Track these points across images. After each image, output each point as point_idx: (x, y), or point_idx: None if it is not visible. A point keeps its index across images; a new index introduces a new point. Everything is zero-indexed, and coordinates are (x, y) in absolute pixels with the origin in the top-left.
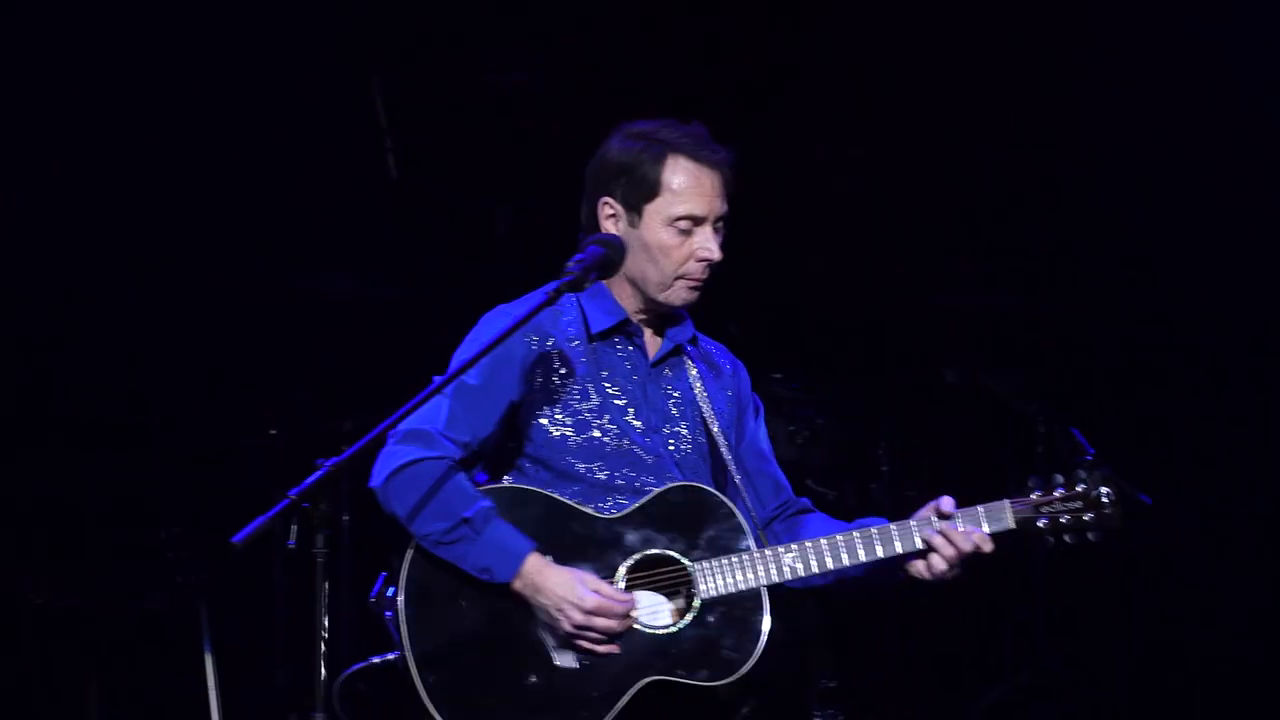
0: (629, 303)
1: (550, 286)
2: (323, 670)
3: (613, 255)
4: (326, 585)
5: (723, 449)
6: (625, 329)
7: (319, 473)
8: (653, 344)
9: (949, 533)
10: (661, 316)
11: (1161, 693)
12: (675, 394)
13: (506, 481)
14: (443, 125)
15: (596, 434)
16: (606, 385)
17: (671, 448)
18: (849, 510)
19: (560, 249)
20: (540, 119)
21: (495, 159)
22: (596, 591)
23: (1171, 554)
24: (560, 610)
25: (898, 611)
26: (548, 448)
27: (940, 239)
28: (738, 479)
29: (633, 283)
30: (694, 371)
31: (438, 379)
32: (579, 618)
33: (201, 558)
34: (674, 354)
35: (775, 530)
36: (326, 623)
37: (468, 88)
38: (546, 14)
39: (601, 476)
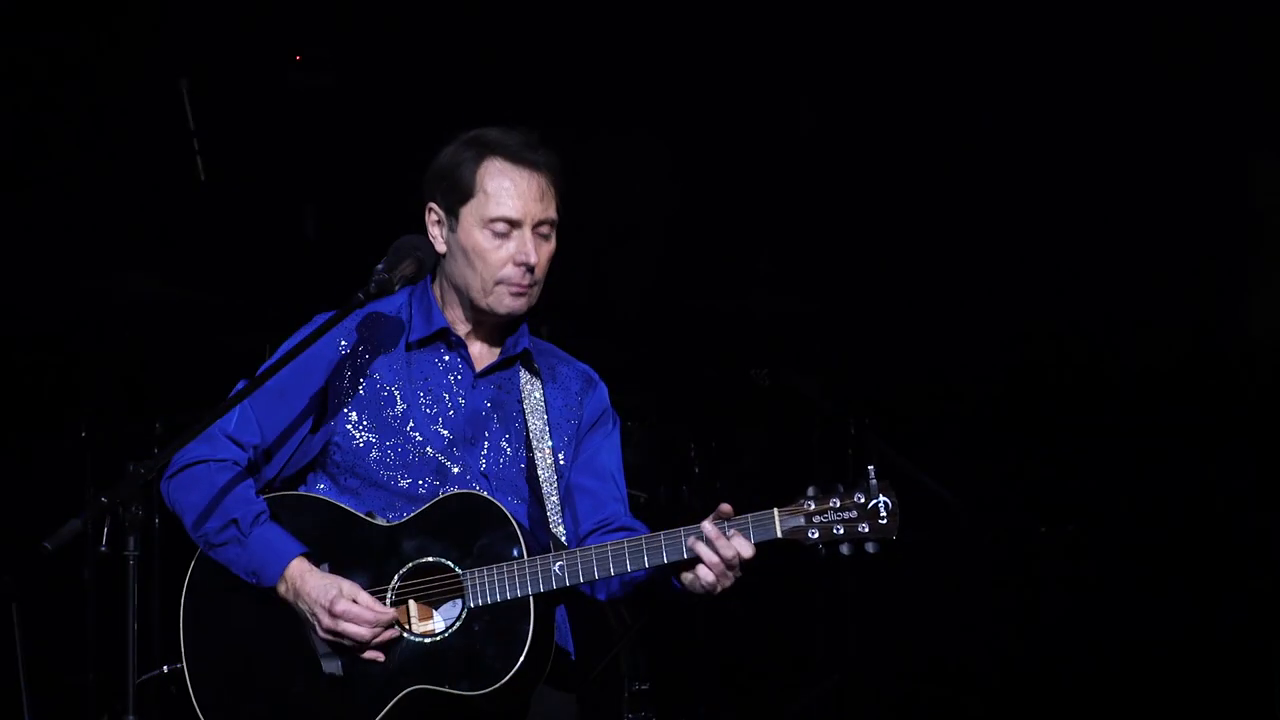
0: (454, 312)
1: (361, 291)
2: (133, 672)
3: (420, 256)
4: (137, 587)
5: (543, 465)
6: (445, 338)
7: (130, 475)
8: (483, 354)
9: (712, 540)
10: (495, 327)
11: (971, 694)
12: (499, 407)
13: (321, 488)
14: (250, 127)
15: (399, 442)
16: (420, 394)
17: (484, 461)
18: (660, 510)
19: (369, 250)
20: (347, 120)
21: (303, 160)
22: (353, 599)
23: (977, 554)
24: (314, 615)
25: (708, 613)
26: (352, 454)
27: (750, 241)
28: (555, 494)
29: (457, 290)
30: (531, 385)
31: (244, 382)
32: (328, 622)
33: (12, 559)
34: (504, 366)
35: (586, 545)
36: (136, 624)
37: (273, 90)
38: (350, 17)
39: (404, 484)
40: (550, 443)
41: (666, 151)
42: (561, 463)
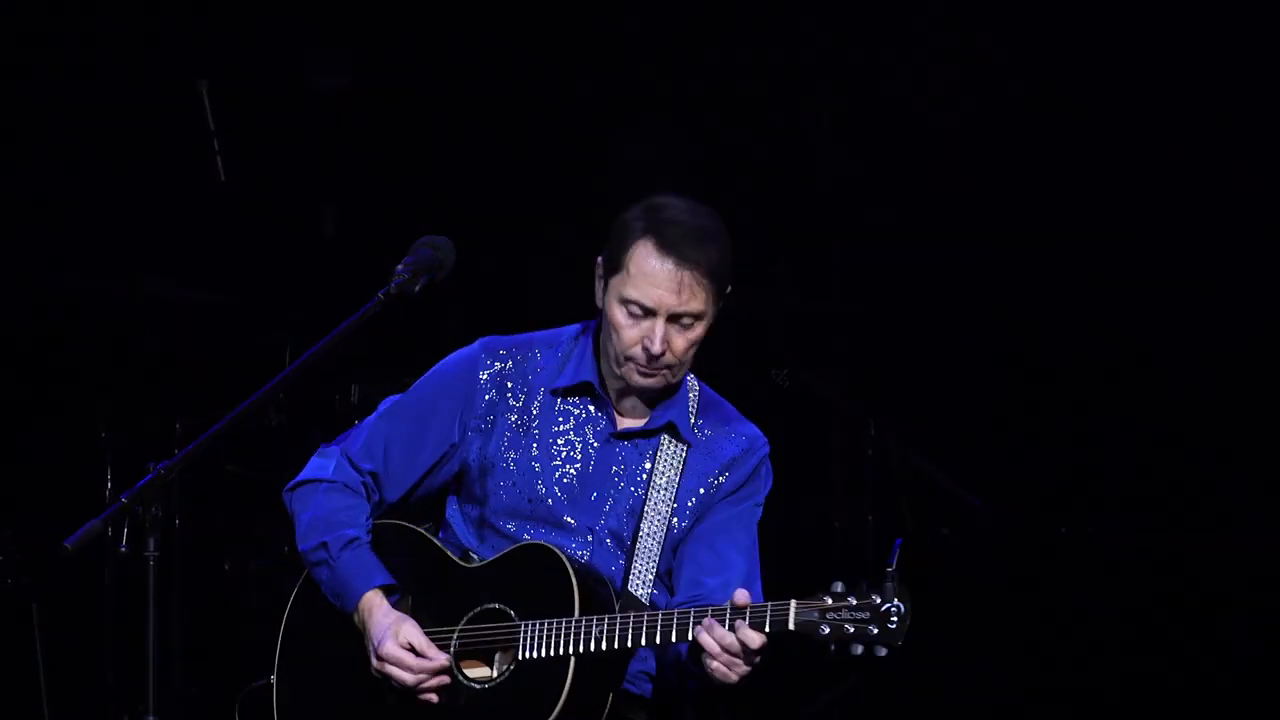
0: (608, 365)
1: (381, 291)
2: (153, 672)
3: (441, 257)
4: (156, 587)
5: (648, 535)
6: (589, 390)
7: (150, 475)
8: (628, 414)
9: (710, 629)
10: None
11: (990, 696)
12: (627, 471)
13: (457, 520)
14: (269, 128)
15: (518, 489)
16: (553, 441)
17: (604, 519)
18: None
19: (389, 251)
20: (365, 121)
21: (322, 161)
22: (407, 644)
23: (997, 554)
24: (370, 653)
25: None
26: (469, 496)
27: (767, 241)
28: (655, 562)
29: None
30: (671, 455)
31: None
32: (375, 663)
33: (33, 559)
34: (645, 435)
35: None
36: (156, 625)
37: (292, 90)
38: (366, 16)
39: (511, 528)
40: (669, 510)
41: (679, 150)
42: (675, 530)
